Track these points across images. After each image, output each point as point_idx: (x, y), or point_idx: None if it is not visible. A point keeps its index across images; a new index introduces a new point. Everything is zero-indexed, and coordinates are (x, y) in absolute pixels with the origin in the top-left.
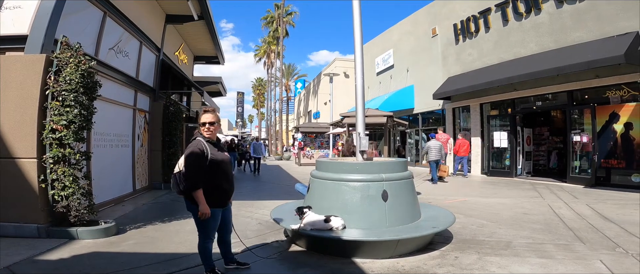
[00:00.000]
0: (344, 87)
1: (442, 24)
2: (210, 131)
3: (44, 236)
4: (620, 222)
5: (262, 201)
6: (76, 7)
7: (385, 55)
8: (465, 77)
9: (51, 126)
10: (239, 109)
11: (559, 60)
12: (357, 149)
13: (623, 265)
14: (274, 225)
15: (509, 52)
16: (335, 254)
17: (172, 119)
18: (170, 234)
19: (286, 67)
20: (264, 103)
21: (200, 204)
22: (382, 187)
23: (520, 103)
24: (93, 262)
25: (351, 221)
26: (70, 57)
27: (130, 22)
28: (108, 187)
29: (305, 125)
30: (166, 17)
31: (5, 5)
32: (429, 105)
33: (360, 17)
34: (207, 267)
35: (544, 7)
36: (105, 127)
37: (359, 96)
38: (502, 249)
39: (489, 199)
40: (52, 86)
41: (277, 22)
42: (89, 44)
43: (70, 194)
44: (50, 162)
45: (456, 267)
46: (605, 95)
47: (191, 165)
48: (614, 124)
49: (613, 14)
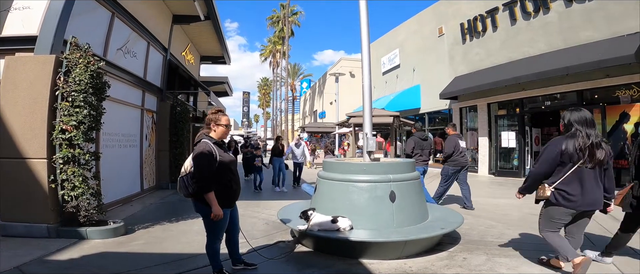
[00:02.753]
0: (350, 87)
1: (449, 23)
2: (225, 132)
3: (53, 236)
4: None
5: (269, 201)
6: (85, 8)
7: (391, 55)
8: (472, 77)
9: (61, 126)
10: (244, 108)
11: (568, 60)
12: (364, 150)
13: (633, 266)
14: (280, 225)
15: (517, 52)
16: (342, 255)
17: (179, 119)
18: (178, 234)
19: (292, 66)
20: (269, 103)
21: (213, 206)
22: (390, 188)
23: (528, 103)
24: (102, 262)
25: (358, 222)
26: (79, 57)
27: (138, 22)
28: (116, 187)
29: (311, 125)
30: (173, 18)
31: (15, 6)
32: (435, 105)
33: (367, 18)
34: (215, 267)
35: (553, 6)
36: (113, 128)
37: (366, 96)
38: (511, 250)
39: (497, 200)
40: (61, 86)
41: (283, 22)
42: (98, 45)
43: (79, 194)
44: (60, 162)
45: (464, 268)
46: (615, 95)
47: (204, 167)
48: (624, 124)
49: (623, 13)
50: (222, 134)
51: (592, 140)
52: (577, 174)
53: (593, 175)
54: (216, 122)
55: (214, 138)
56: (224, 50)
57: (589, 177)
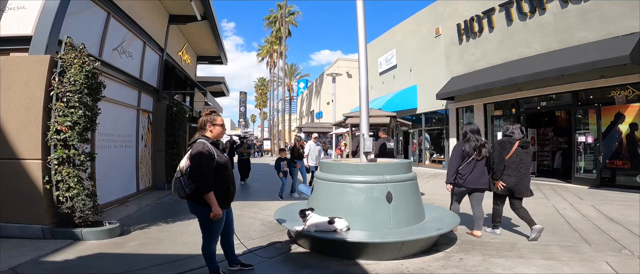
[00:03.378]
0: (347, 87)
1: (446, 23)
2: (221, 132)
3: (48, 237)
4: (625, 223)
5: (266, 202)
6: (80, 8)
7: (388, 55)
8: (468, 77)
9: (56, 127)
10: (241, 108)
11: (564, 61)
12: (361, 150)
13: (629, 267)
14: (277, 226)
15: (513, 52)
16: (339, 255)
17: (176, 119)
18: (174, 235)
19: (289, 67)
20: (266, 103)
21: (213, 206)
22: (387, 189)
23: (524, 103)
24: (98, 263)
25: (355, 223)
26: (74, 57)
27: (134, 22)
28: (112, 188)
29: (307, 125)
30: (169, 18)
31: (10, 6)
32: (432, 105)
33: (364, 18)
34: (211, 268)
35: (549, 7)
36: (109, 128)
37: (363, 96)
38: (507, 250)
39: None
40: (56, 86)
41: (280, 22)
42: (93, 45)
43: (74, 195)
44: (55, 163)
45: (461, 269)
46: (610, 95)
47: (203, 167)
48: (619, 125)
49: (618, 13)
50: (219, 134)
51: (479, 142)
52: (471, 164)
53: (481, 165)
54: (212, 123)
55: (211, 138)
56: (220, 51)
57: (478, 166)
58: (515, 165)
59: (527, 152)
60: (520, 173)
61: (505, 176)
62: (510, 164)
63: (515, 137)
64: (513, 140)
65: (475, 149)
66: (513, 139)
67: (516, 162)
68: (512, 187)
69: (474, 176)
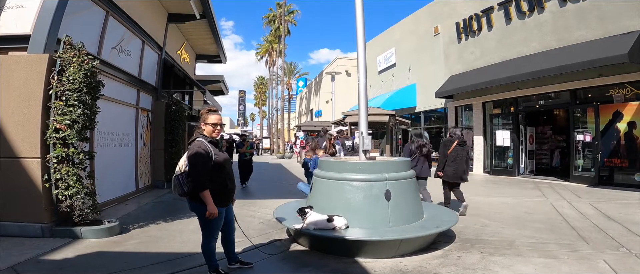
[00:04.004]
0: (346, 86)
1: (444, 22)
2: (217, 131)
3: (48, 236)
4: (623, 221)
5: (265, 200)
6: (79, 7)
7: (387, 54)
8: (467, 76)
9: (55, 125)
10: (240, 107)
11: (562, 59)
12: (360, 149)
13: (626, 265)
14: (276, 224)
15: (512, 51)
16: (338, 253)
17: (175, 118)
18: (174, 233)
19: (288, 65)
20: (265, 101)
21: (209, 205)
22: (385, 187)
23: (523, 102)
24: (97, 262)
25: (354, 221)
26: (73, 56)
27: (133, 21)
28: (111, 187)
29: (307, 123)
30: (168, 16)
31: (8, 5)
32: (431, 103)
33: (362, 17)
34: (211, 267)
35: (547, 6)
36: (108, 127)
37: (362, 95)
38: (505, 248)
39: (491, 199)
40: (55, 85)
41: (279, 20)
42: (92, 43)
43: (74, 193)
44: (54, 161)
45: (459, 267)
46: (608, 94)
47: (198, 166)
48: (617, 123)
49: (616, 12)
50: (209, 133)
51: (420, 143)
52: (415, 160)
53: (424, 160)
54: (204, 121)
55: (209, 136)
56: (219, 49)
57: (420, 161)
58: (452, 158)
59: (464, 149)
60: (456, 164)
61: (446, 167)
62: (450, 157)
63: (455, 138)
64: (453, 140)
65: (418, 148)
66: (453, 139)
67: (454, 156)
68: (452, 174)
69: (418, 168)
